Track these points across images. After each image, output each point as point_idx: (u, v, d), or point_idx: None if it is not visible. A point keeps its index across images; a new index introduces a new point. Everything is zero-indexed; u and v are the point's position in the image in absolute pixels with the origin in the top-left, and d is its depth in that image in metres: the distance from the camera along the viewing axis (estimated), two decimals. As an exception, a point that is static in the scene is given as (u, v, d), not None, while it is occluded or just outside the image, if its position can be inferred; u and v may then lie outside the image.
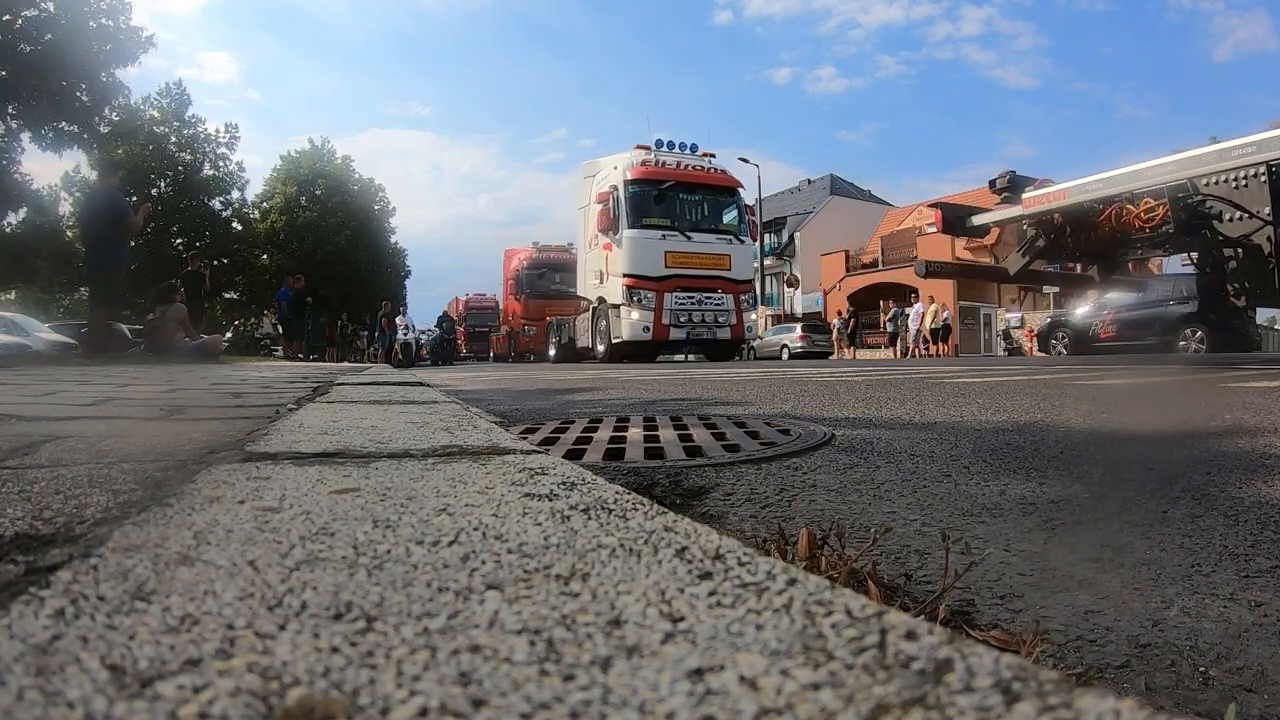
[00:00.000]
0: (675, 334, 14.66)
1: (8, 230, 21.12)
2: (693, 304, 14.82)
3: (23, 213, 21.89)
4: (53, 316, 23.73)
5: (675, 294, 14.60)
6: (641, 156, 15.33)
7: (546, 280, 24.86)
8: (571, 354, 18.73)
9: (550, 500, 0.77)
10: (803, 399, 3.67)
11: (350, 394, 2.62)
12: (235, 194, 32.54)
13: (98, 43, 15.90)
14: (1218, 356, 10.11)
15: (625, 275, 14.46)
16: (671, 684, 0.35)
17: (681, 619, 0.43)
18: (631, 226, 14.61)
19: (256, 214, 33.96)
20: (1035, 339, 18.35)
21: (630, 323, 14.38)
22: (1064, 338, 14.84)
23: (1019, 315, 26.40)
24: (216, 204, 31.80)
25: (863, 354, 26.50)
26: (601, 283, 15.53)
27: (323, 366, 8.92)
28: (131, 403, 2.25)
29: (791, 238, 34.72)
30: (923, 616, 0.75)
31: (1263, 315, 16.55)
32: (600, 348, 15.80)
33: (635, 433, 2.31)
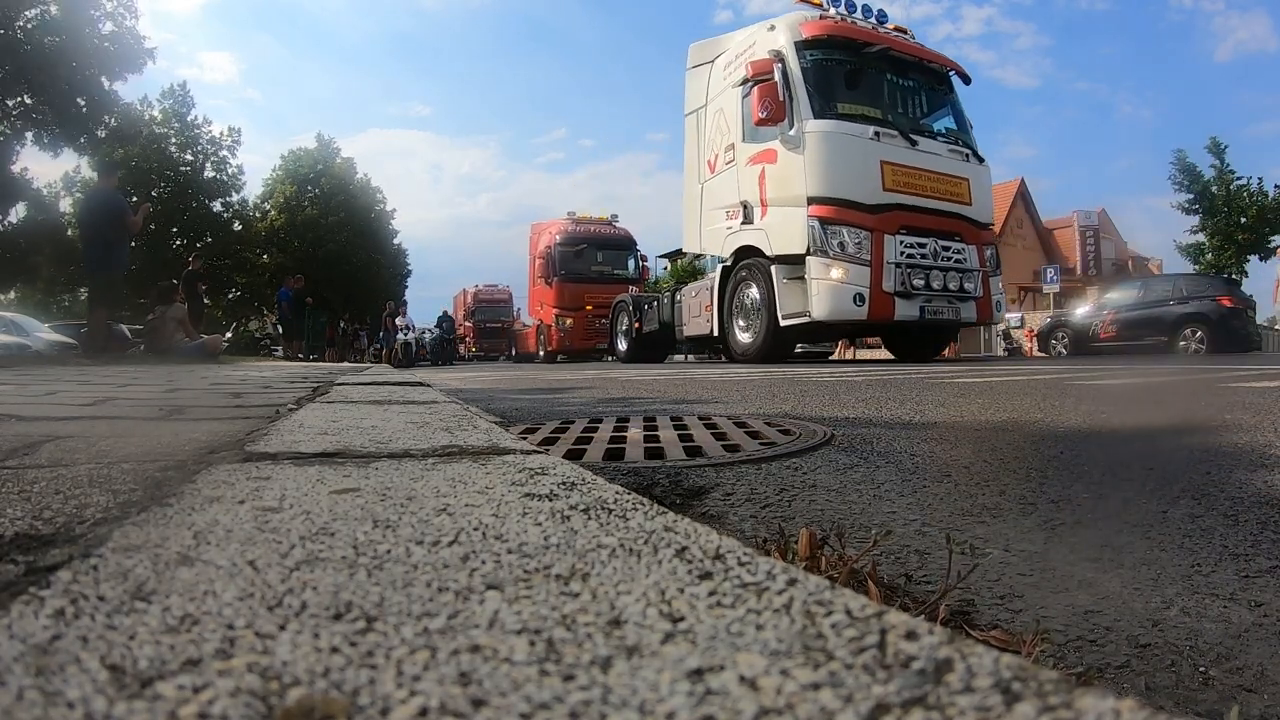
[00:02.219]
0: (903, 310, 8.28)
1: (7, 228, 21.19)
2: (924, 256, 8.42)
3: (22, 209, 21.96)
4: (53, 316, 23.74)
5: (900, 237, 8.27)
6: (817, 12, 9.23)
7: (586, 259, 19.19)
8: (660, 346, 12.95)
9: (550, 500, 0.77)
10: (803, 399, 3.67)
11: (350, 394, 2.62)
12: (235, 196, 32.62)
13: (102, 43, 15.99)
14: (1218, 356, 10.12)
15: (815, 200, 8.15)
16: (671, 684, 0.35)
17: (681, 619, 0.43)
18: (820, 115, 8.32)
19: (257, 213, 34.01)
20: (1035, 339, 18.35)
21: (830, 287, 8.03)
22: (1064, 338, 14.85)
23: (1019, 315, 26.41)
24: (217, 205, 31.86)
25: (863, 354, 26.46)
26: (748, 221, 9.11)
27: (322, 366, 8.92)
28: (131, 403, 2.25)
29: (791, 238, 34.69)
30: (923, 616, 0.75)
31: (1263, 315, 16.53)
32: (743, 336, 9.47)
33: (635, 433, 2.31)
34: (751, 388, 4.65)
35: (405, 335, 20.96)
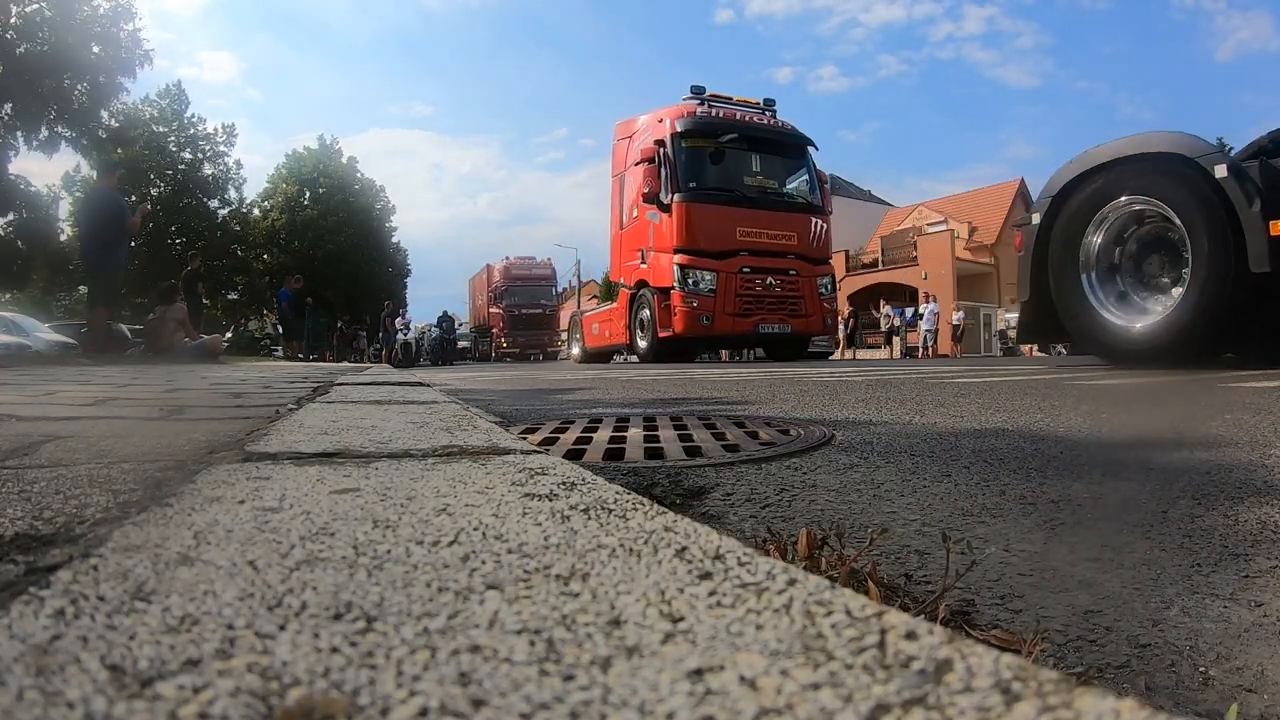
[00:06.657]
0: None
1: (4, 232, 21.18)
2: None
3: (17, 214, 21.88)
4: (52, 317, 23.73)
5: None
6: None
7: (734, 166, 10.58)
8: None
9: (550, 500, 0.77)
10: (803, 399, 3.67)
11: (350, 394, 2.62)
12: (233, 193, 32.64)
13: (100, 46, 15.98)
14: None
15: None
16: (671, 684, 0.35)
17: (681, 619, 0.43)
18: None
19: (257, 212, 34.02)
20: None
21: None
22: (1064, 338, 14.81)
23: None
24: (216, 203, 31.88)
25: (862, 354, 26.46)
26: None
27: (322, 367, 8.92)
28: (131, 403, 2.25)
29: (791, 238, 34.71)
30: (923, 616, 0.75)
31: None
32: None
33: (635, 433, 2.30)
34: (751, 387, 4.65)
35: (404, 335, 20.95)
